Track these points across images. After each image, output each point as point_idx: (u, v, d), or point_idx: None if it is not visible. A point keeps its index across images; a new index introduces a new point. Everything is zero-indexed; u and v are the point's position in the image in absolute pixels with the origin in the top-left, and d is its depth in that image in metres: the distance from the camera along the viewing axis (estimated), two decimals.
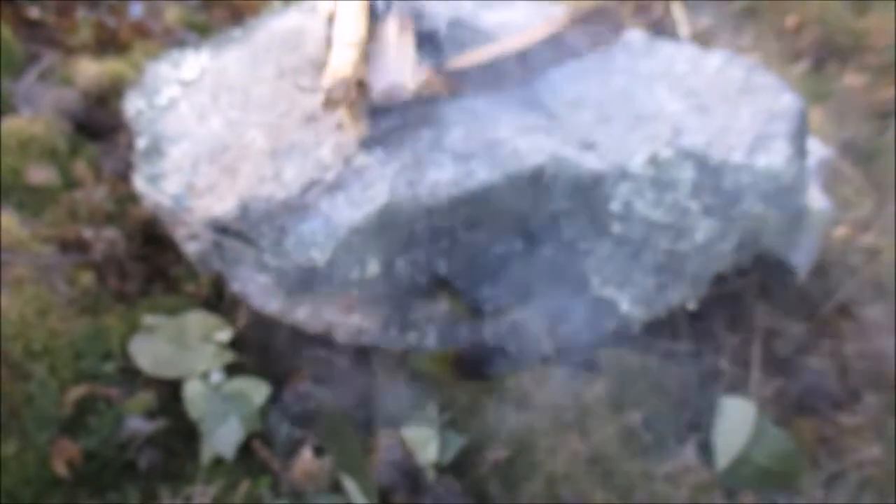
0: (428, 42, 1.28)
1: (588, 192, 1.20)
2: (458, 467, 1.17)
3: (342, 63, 1.19)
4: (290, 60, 1.35)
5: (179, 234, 1.25)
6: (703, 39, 1.88)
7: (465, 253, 1.18)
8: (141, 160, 1.29)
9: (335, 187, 1.17)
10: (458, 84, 1.25)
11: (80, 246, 1.35)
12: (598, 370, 1.26)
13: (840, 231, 1.50)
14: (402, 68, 1.20)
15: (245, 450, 1.18)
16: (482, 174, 1.17)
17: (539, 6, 1.45)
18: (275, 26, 1.45)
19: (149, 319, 1.25)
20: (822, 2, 2.02)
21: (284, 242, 1.16)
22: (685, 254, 1.24)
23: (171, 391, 1.21)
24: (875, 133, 1.75)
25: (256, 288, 1.21)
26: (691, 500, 1.18)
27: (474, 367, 1.23)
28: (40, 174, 1.42)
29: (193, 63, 1.39)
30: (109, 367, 1.23)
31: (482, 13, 1.40)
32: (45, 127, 1.48)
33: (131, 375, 1.22)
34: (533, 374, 1.23)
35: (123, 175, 1.41)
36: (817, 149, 1.45)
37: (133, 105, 1.36)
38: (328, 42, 1.29)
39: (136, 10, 1.74)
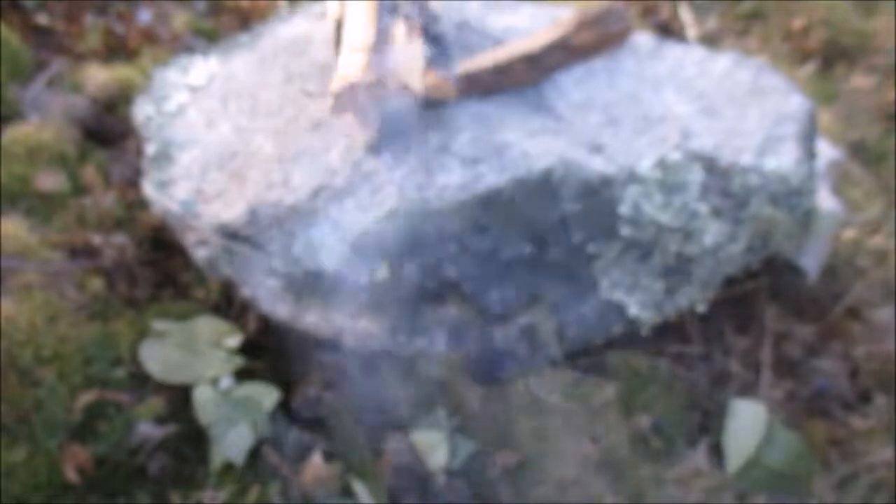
0: (436, 46, 1.28)
1: (596, 195, 1.20)
2: (468, 471, 1.17)
3: (350, 68, 1.19)
4: (297, 66, 1.36)
5: (188, 239, 1.26)
6: (710, 42, 1.88)
7: (474, 257, 1.18)
8: (150, 166, 1.29)
9: (344, 192, 1.17)
10: (466, 88, 1.25)
11: (89, 252, 1.35)
12: (608, 373, 1.26)
13: (849, 233, 1.49)
14: (410, 72, 1.20)
15: (255, 455, 1.18)
16: (490, 178, 1.17)
17: (546, 9, 1.45)
18: (282, 32, 1.45)
19: (158, 325, 1.25)
20: (829, 3, 2.02)
21: (293, 248, 1.16)
22: (694, 256, 1.24)
23: (180, 397, 1.21)
24: (884, 134, 1.75)
25: (266, 293, 1.21)
26: (702, 503, 1.17)
27: (483, 371, 1.23)
28: (49, 181, 1.43)
29: (202, 69, 1.40)
30: (119, 373, 1.23)
31: (490, 17, 1.40)
32: (53, 133, 1.48)
33: (141, 381, 1.22)
34: (542, 378, 1.23)
35: (132, 181, 1.41)
36: (826, 150, 1.44)
37: (142, 111, 1.36)
38: (336, 47, 1.29)
39: (145, 17, 1.74)
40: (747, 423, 1.23)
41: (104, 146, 1.53)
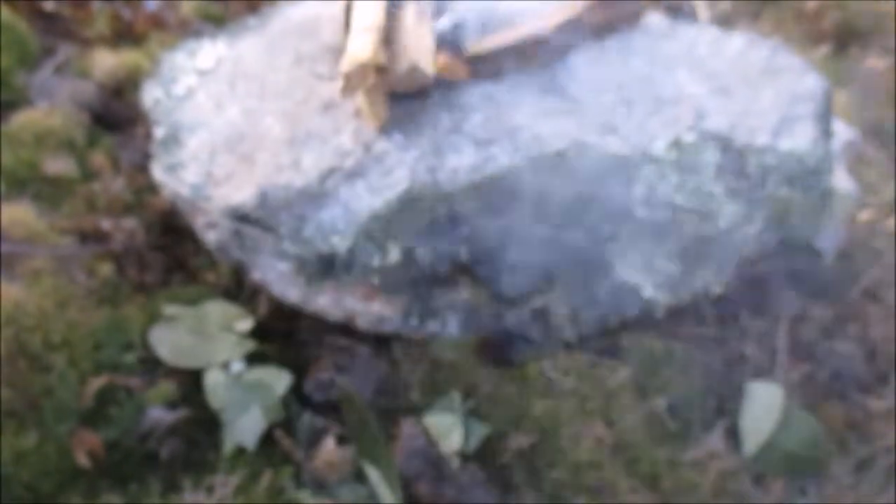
0: (446, 26, 1.27)
1: (610, 177, 1.18)
2: (482, 455, 1.16)
3: (360, 48, 1.18)
4: (306, 48, 1.35)
5: (198, 223, 1.25)
6: (722, 24, 1.86)
7: (487, 239, 1.17)
8: (159, 150, 1.29)
9: (354, 174, 1.16)
10: (477, 68, 1.24)
11: (99, 237, 1.34)
12: (622, 356, 1.25)
13: (866, 215, 1.48)
14: (420, 53, 1.19)
15: (267, 439, 1.17)
16: (503, 159, 1.16)
17: None
18: (291, 14, 1.44)
19: (168, 309, 1.25)
20: None
21: (304, 230, 1.15)
22: (710, 238, 1.23)
23: (192, 381, 1.20)
24: None
25: (276, 276, 1.20)
26: (718, 486, 1.16)
27: (497, 354, 1.22)
28: (58, 166, 1.42)
29: (210, 52, 1.39)
30: (129, 358, 1.22)
31: None
32: (62, 119, 1.48)
33: (152, 366, 1.22)
34: (556, 361, 1.22)
35: (141, 166, 1.41)
36: (842, 131, 1.43)
37: (150, 95, 1.35)
38: (346, 28, 1.28)
39: (152, 2, 1.73)
40: (763, 405, 1.22)
41: (113, 131, 1.52)
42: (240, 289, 1.28)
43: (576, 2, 1.31)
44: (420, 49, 1.20)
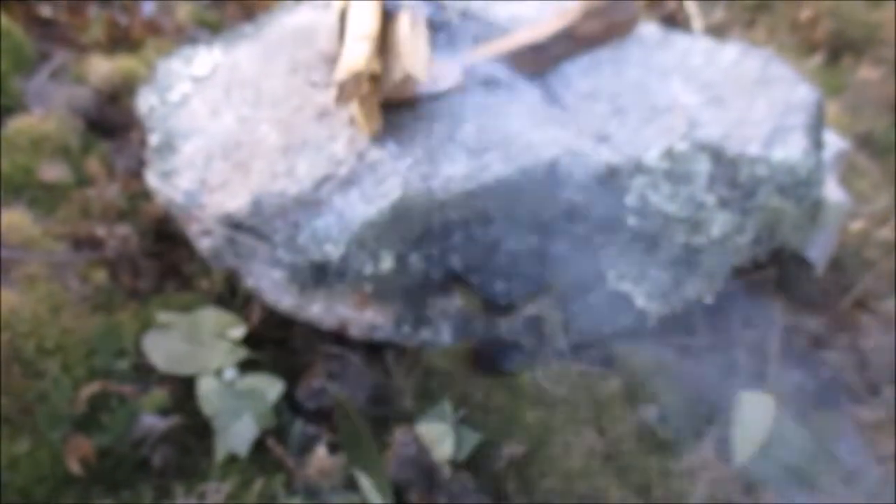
0: (441, 35, 1.27)
1: (603, 186, 1.19)
2: (474, 463, 1.16)
3: (355, 57, 1.18)
4: (302, 56, 1.35)
5: (192, 230, 1.25)
6: (716, 33, 1.87)
7: (480, 247, 1.18)
8: (153, 156, 1.29)
9: (348, 182, 1.17)
10: (471, 77, 1.24)
11: (93, 243, 1.34)
12: (614, 365, 1.25)
13: (857, 225, 1.48)
14: (415, 62, 1.20)
15: (259, 447, 1.17)
16: (496, 168, 1.16)
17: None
18: (287, 22, 1.44)
19: (162, 316, 1.25)
20: None
21: (298, 238, 1.15)
22: (701, 247, 1.23)
23: (184, 388, 1.20)
24: (891, 126, 1.74)
25: (270, 284, 1.20)
26: (710, 495, 1.17)
27: (489, 362, 1.22)
28: (53, 172, 1.42)
29: (205, 59, 1.39)
30: (123, 364, 1.22)
31: (495, 6, 1.39)
32: (57, 125, 1.48)
33: (145, 372, 1.22)
34: (548, 370, 1.22)
35: (136, 172, 1.41)
36: (833, 141, 1.43)
37: (145, 102, 1.35)
38: (340, 36, 1.28)
39: (148, 8, 1.74)
40: (755, 415, 1.22)
41: (108, 137, 1.52)
42: (233, 296, 1.28)
43: (570, 11, 1.31)
44: (414, 58, 1.21)
